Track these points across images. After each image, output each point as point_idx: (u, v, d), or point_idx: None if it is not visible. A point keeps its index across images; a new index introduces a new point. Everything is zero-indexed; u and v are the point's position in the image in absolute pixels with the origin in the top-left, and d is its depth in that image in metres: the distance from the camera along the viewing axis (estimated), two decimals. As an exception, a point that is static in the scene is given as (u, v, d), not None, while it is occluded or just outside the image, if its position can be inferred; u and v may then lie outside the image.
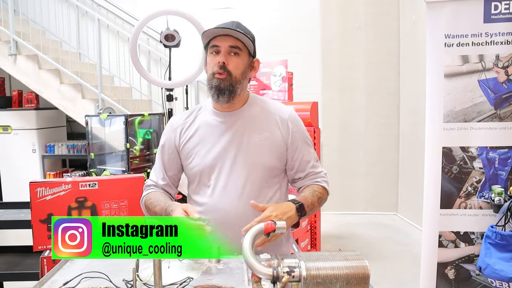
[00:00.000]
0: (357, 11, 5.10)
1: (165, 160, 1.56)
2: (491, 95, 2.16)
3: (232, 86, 1.42)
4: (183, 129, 1.53)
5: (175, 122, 1.56)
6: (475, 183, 2.21)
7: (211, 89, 1.43)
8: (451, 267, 2.27)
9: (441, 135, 2.22)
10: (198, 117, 1.54)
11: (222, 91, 1.42)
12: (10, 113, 5.35)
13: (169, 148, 1.55)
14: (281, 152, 1.49)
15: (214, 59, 1.42)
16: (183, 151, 1.52)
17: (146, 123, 3.79)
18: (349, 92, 5.17)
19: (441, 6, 2.17)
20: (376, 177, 5.15)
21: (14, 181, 5.24)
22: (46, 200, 1.94)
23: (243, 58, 1.44)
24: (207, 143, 1.48)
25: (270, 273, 0.99)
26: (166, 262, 1.30)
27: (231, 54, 1.41)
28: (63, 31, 5.65)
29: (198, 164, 1.49)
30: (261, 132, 1.47)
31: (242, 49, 1.43)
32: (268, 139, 1.47)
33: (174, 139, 1.54)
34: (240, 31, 1.39)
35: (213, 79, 1.42)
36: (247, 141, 1.46)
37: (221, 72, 1.40)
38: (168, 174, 1.56)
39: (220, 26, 1.40)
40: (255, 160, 1.45)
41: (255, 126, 1.48)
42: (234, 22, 1.44)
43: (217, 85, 1.41)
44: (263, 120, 1.49)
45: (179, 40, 2.76)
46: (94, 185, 1.99)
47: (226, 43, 1.40)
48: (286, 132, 1.49)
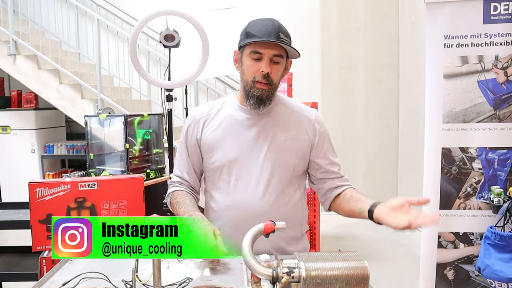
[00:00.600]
0: (356, 12, 5.11)
1: (188, 152, 1.53)
2: (490, 96, 2.16)
3: (272, 95, 1.42)
4: (206, 121, 1.50)
5: (197, 113, 1.53)
6: (475, 183, 2.21)
7: (251, 97, 1.40)
8: (450, 268, 2.27)
9: (441, 136, 2.22)
10: (221, 111, 1.51)
11: (263, 101, 1.40)
12: (9, 113, 5.34)
13: (192, 140, 1.52)
14: (305, 152, 1.48)
15: (256, 65, 1.38)
16: (204, 144, 1.49)
17: (145, 124, 3.78)
18: (348, 93, 5.18)
19: (440, 7, 2.17)
20: (375, 178, 5.16)
21: (13, 181, 5.23)
22: (45, 200, 1.94)
23: (282, 64, 1.41)
24: (231, 138, 1.46)
25: (269, 273, 0.99)
26: (165, 263, 1.30)
27: (273, 62, 1.38)
28: (63, 31, 5.65)
29: (220, 159, 1.46)
30: (287, 131, 1.46)
31: (284, 56, 1.40)
32: (294, 139, 1.46)
33: (197, 132, 1.51)
34: (285, 40, 1.36)
35: (253, 87, 1.39)
36: (272, 139, 1.45)
37: (264, 82, 1.38)
38: (194, 167, 1.54)
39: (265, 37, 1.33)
40: (279, 159, 1.44)
41: (281, 124, 1.47)
42: (276, 24, 1.37)
43: (259, 95, 1.39)
44: (290, 120, 1.48)
45: (179, 40, 2.76)
46: (93, 185, 1.99)
47: (270, 51, 1.36)
48: (313, 133, 1.48)
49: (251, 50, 1.38)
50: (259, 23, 1.38)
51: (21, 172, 5.19)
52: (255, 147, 1.44)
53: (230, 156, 1.45)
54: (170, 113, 2.72)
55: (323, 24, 5.21)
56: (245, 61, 1.40)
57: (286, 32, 1.39)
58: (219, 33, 3.77)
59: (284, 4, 5.47)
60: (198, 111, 1.54)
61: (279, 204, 1.44)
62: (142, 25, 2.53)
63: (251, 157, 1.44)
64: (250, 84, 1.39)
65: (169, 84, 2.67)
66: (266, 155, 1.44)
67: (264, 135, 1.45)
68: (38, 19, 5.58)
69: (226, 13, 5.31)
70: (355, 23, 5.10)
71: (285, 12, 5.34)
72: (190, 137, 1.52)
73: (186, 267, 1.30)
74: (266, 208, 1.41)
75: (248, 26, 1.40)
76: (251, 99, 1.40)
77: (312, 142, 1.49)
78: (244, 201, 1.43)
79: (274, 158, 1.44)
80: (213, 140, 1.48)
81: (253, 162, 1.44)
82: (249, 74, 1.40)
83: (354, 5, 5.11)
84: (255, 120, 1.46)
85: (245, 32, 1.39)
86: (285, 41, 1.36)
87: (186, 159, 1.54)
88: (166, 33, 2.74)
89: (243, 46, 1.40)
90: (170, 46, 2.78)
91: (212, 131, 1.48)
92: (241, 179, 1.44)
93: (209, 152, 1.49)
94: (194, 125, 1.51)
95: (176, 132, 4.83)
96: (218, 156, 1.47)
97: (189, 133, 1.52)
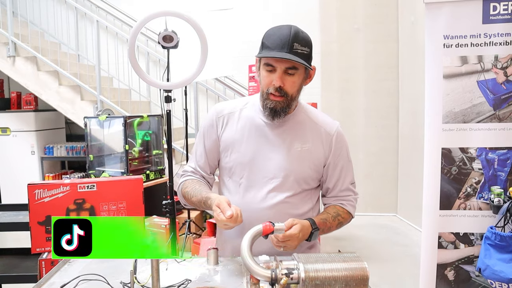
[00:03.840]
0: (356, 12, 5.11)
1: (206, 146, 1.52)
2: (490, 96, 2.16)
3: (288, 106, 1.40)
4: (228, 119, 1.49)
5: (220, 110, 1.52)
6: (475, 184, 2.21)
7: (265, 109, 1.40)
8: (450, 268, 2.26)
9: (440, 136, 2.21)
10: (243, 111, 1.50)
11: (277, 113, 1.39)
12: (8, 115, 5.34)
13: (211, 134, 1.51)
14: (319, 165, 1.47)
15: (269, 77, 1.36)
16: (223, 141, 1.49)
17: (145, 125, 3.78)
18: (348, 94, 5.17)
19: (439, 7, 2.16)
20: (375, 178, 5.15)
21: (13, 183, 5.23)
22: (44, 202, 1.93)
23: (299, 75, 1.37)
24: (248, 141, 1.45)
25: (268, 275, 0.99)
26: (164, 264, 1.30)
27: (287, 74, 1.35)
28: (62, 32, 5.66)
29: (234, 160, 1.46)
30: (304, 142, 1.45)
31: (298, 68, 1.35)
32: (309, 151, 1.45)
33: (217, 127, 1.50)
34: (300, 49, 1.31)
35: (267, 99, 1.38)
36: (288, 147, 1.44)
37: (277, 94, 1.36)
38: (209, 161, 1.53)
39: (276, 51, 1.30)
40: (292, 169, 1.43)
41: (299, 134, 1.45)
42: (292, 33, 1.31)
43: (272, 107, 1.38)
44: (308, 131, 1.47)
45: (177, 41, 2.76)
46: (93, 187, 1.99)
47: (282, 64, 1.33)
48: (328, 148, 1.47)
49: (264, 62, 1.37)
50: (275, 33, 1.34)
51: (21, 173, 5.19)
52: (269, 153, 1.44)
53: (244, 158, 1.45)
54: (169, 114, 2.71)
55: (322, 24, 5.21)
56: (262, 71, 1.39)
57: (304, 41, 1.34)
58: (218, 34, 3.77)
59: (283, 5, 5.47)
60: (222, 107, 1.53)
61: (285, 213, 1.42)
62: (140, 26, 2.53)
63: (264, 162, 1.44)
64: (265, 95, 1.39)
65: (168, 85, 2.67)
66: (279, 163, 1.43)
67: (280, 142, 1.44)
68: (38, 21, 5.58)
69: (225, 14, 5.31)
70: (355, 23, 5.10)
71: (284, 13, 5.35)
72: (210, 131, 1.51)
73: (185, 268, 1.29)
74: (270, 216, 1.39)
75: (265, 35, 1.37)
76: (266, 111, 1.40)
77: (327, 157, 1.47)
78: (251, 206, 1.42)
79: (287, 167, 1.43)
80: (231, 140, 1.47)
81: (265, 168, 1.44)
82: (264, 85, 1.39)
83: (353, 6, 5.11)
84: (274, 126, 1.45)
85: (262, 42, 1.37)
86: (300, 52, 1.31)
87: (203, 152, 1.53)
88: (164, 34, 2.74)
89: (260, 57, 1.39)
90: (169, 47, 2.78)
91: (232, 130, 1.48)
92: (251, 183, 1.44)
93: (226, 151, 1.49)
94: (215, 120, 1.51)
95: (176, 134, 4.84)
96: (233, 156, 1.47)
97: (210, 127, 1.51)
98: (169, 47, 2.78)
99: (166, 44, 2.76)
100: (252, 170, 1.44)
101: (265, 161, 1.43)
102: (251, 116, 1.48)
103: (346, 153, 1.51)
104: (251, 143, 1.45)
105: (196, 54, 2.60)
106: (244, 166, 1.45)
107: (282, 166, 1.42)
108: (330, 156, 1.47)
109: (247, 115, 1.49)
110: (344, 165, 1.50)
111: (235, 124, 1.48)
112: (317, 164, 1.46)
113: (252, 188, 1.44)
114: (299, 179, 1.44)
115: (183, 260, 1.34)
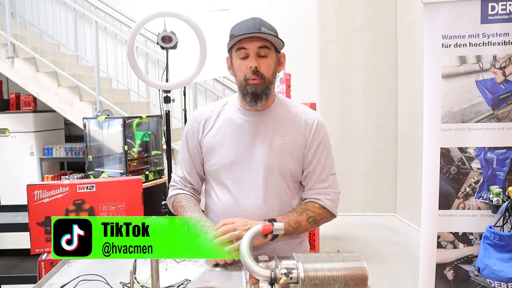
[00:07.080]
0: (354, 12, 5.11)
1: (190, 153, 1.54)
2: (488, 95, 2.16)
3: (267, 89, 1.41)
4: (206, 122, 1.51)
5: (199, 115, 1.53)
6: (473, 183, 2.21)
7: (246, 95, 1.40)
8: (449, 268, 2.27)
9: (439, 136, 2.22)
10: (222, 113, 1.51)
11: (259, 96, 1.40)
12: (7, 116, 5.34)
13: (192, 141, 1.53)
14: (302, 157, 1.46)
15: (244, 63, 1.39)
16: (204, 146, 1.50)
17: (144, 125, 3.77)
18: (347, 94, 5.18)
19: (438, 7, 2.17)
20: (374, 178, 5.16)
21: (12, 184, 5.22)
22: (43, 203, 1.93)
23: (272, 57, 1.41)
24: (229, 141, 1.46)
25: (268, 274, 0.99)
26: (164, 264, 1.30)
27: (260, 55, 1.38)
28: (61, 33, 5.65)
29: (218, 162, 1.46)
30: (285, 135, 1.45)
31: (270, 47, 1.39)
32: (291, 143, 1.44)
33: (197, 133, 1.51)
34: (267, 31, 1.36)
35: (247, 85, 1.39)
36: (270, 142, 1.44)
37: (254, 77, 1.38)
38: (195, 168, 1.55)
39: (245, 32, 1.35)
40: (276, 163, 1.43)
41: (279, 128, 1.45)
42: (257, 20, 1.39)
43: (253, 91, 1.39)
44: (288, 123, 1.47)
45: (176, 41, 2.76)
46: (92, 187, 1.98)
47: (254, 44, 1.37)
48: (308, 136, 1.46)
49: (236, 48, 1.40)
50: (241, 24, 1.40)
51: (20, 174, 5.18)
52: (252, 150, 1.44)
53: (227, 159, 1.45)
54: (168, 114, 2.71)
55: (321, 24, 5.21)
56: (235, 63, 1.42)
57: (270, 26, 1.40)
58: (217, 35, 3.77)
59: (282, 6, 5.47)
60: (200, 113, 1.55)
61: (275, 209, 1.43)
62: (139, 27, 2.53)
63: (247, 160, 1.44)
64: (243, 83, 1.40)
65: (167, 86, 2.67)
66: (262, 159, 1.43)
67: (261, 138, 1.44)
68: (36, 22, 5.57)
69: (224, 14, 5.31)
70: (353, 23, 5.11)
71: (283, 14, 5.35)
72: (191, 138, 1.53)
73: (185, 268, 1.29)
74: (260, 213, 1.40)
75: (231, 28, 1.42)
76: (247, 97, 1.41)
77: (306, 146, 1.46)
78: (240, 204, 1.43)
79: (271, 162, 1.43)
80: (212, 143, 1.48)
81: (249, 166, 1.44)
82: (240, 74, 1.41)
83: (352, 6, 5.12)
84: (254, 123, 1.46)
85: (230, 35, 1.41)
86: (268, 33, 1.36)
87: (188, 159, 1.54)
88: (163, 34, 2.74)
89: (231, 49, 1.42)
90: (168, 48, 2.78)
91: (211, 133, 1.49)
92: (237, 183, 1.45)
93: (208, 154, 1.49)
94: (195, 126, 1.52)
95: (175, 134, 4.83)
96: (216, 159, 1.47)
97: (191, 134, 1.53)
98: (168, 47, 2.78)
99: (165, 45, 2.76)
100: (236, 170, 1.45)
101: (249, 159, 1.44)
102: (230, 116, 1.49)
103: (325, 141, 1.49)
104: (232, 143, 1.45)
105: (195, 54, 2.61)
106: (228, 167, 1.45)
107: (266, 161, 1.43)
108: (309, 142, 1.46)
109: (226, 116, 1.50)
110: (323, 153, 1.47)
111: (215, 127, 1.49)
112: (300, 155, 1.46)
113: (239, 187, 1.44)
114: (284, 172, 1.44)
115: (182, 260, 1.34)
